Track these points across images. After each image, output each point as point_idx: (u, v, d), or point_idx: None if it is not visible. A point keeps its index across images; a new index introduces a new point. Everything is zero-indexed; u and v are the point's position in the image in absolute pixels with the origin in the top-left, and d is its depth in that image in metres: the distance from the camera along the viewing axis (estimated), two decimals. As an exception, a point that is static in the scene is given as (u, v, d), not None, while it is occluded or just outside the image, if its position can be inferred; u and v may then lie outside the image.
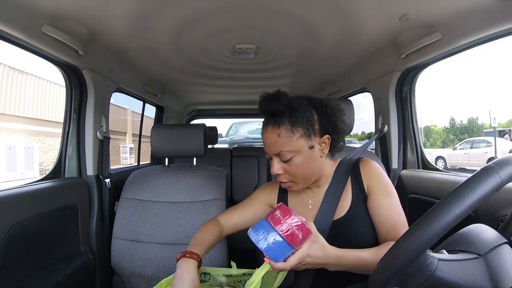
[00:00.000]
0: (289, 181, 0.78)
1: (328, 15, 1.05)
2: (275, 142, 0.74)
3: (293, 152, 0.74)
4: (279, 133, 0.73)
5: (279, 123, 0.73)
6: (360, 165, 0.84)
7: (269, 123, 0.75)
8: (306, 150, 0.74)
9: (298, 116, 0.73)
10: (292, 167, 0.75)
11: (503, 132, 9.12)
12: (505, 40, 0.95)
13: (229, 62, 1.56)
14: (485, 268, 0.43)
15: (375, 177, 0.80)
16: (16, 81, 6.16)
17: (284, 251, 0.62)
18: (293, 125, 0.73)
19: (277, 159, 0.76)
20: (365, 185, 0.80)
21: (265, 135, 0.77)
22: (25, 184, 1.07)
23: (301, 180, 0.78)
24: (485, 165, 0.41)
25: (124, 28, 1.11)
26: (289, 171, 0.76)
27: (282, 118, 0.73)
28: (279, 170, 0.77)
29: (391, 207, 0.76)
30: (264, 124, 0.78)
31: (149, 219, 1.22)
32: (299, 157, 0.74)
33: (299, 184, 0.79)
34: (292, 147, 0.73)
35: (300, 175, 0.77)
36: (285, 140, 0.73)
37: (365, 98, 1.84)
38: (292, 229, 0.61)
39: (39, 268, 0.99)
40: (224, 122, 15.51)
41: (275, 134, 0.73)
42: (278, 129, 0.73)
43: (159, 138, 1.29)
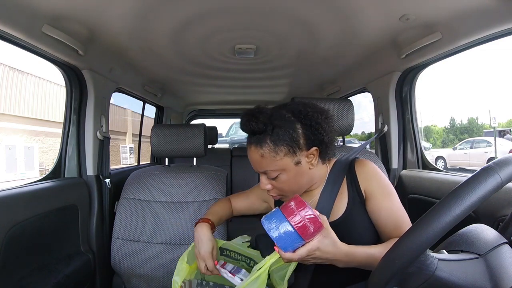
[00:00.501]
0: (278, 194, 0.78)
1: (328, 15, 1.05)
2: (259, 162, 0.72)
3: (278, 170, 0.72)
4: (262, 153, 0.71)
5: (261, 143, 0.71)
6: (356, 166, 0.81)
7: (252, 142, 0.73)
8: (292, 166, 0.72)
9: (281, 134, 0.70)
10: (279, 183, 0.74)
11: (503, 132, 9.12)
12: (505, 40, 0.95)
13: (229, 62, 1.56)
14: (485, 268, 0.43)
15: (372, 179, 0.78)
16: (16, 81, 6.16)
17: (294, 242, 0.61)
18: (276, 144, 0.70)
19: (264, 176, 0.76)
20: (362, 188, 0.78)
21: (249, 154, 0.75)
22: (25, 184, 1.07)
23: (290, 193, 0.77)
24: (485, 165, 0.41)
25: (124, 28, 1.11)
26: (277, 186, 0.76)
27: (264, 137, 0.70)
28: (267, 186, 0.76)
29: (392, 208, 0.75)
30: (248, 143, 0.75)
31: (149, 219, 1.22)
32: (285, 174, 0.73)
33: (289, 197, 0.78)
34: (277, 166, 0.71)
35: (289, 190, 0.76)
36: (269, 161, 0.71)
37: (365, 98, 1.84)
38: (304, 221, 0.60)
39: (39, 268, 0.99)
40: (224, 122, 15.50)
41: (258, 154, 0.71)
42: (261, 149, 0.71)
43: (159, 138, 1.29)
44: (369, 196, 0.77)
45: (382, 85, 1.48)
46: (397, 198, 0.77)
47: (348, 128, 1.14)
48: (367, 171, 0.79)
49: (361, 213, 0.77)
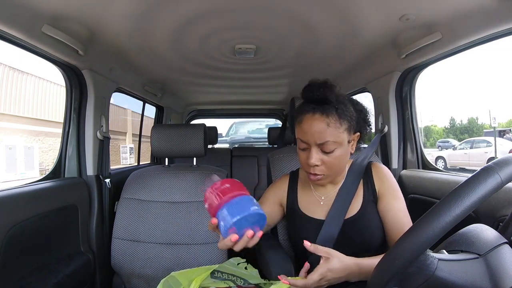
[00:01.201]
0: (322, 173, 0.77)
1: (328, 15, 1.05)
2: (323, 131, 0.72)
3: (337, 143, 0.73)
4: (328, 122, 0.72)
5: (328, 112, 0.72)
6: (372, 168, 0.87)
7: (316, 110, 0.73)
8: (346, 144, 0.76)
9: (345, 110, 0.74)
10: (331, 158, 0.74)
11: (503, 132, 9.12)
12: (505, 40, 0.95)
13: (229, 62, 1.56)
14: (485, 268, 0.43)
15: (386, 181, 0.83)
16: (16, 81, 6.15)
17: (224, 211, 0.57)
18: (341, 117, 0.73)
19: (317, 149, 0.74)
20: (377, 188, 0.83)
21: (311, 123, 0.73)
22: (25, 184, 1.07)
23: (334, 173, 0.79)
24: (485, 165, 0.41)
25: (124, 28, 1.11)
26: (327, 162, 0.75)
27: (330, 108, 0.73)
28: (318, 161, 0.74)
29: (400, 210, 0.79)
30: (308, 111, 0.74)
31: (149, 219, 1.22)
32: (340, 149, 0.74)
33: (329, 177, 0.80)
34: (339, 138, 0.73)
35: (336, 167, 0.77)
36: (333, 131, 0.72)
37: (365, 98, 1.84)
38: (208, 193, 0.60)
39: (39, 268, 0.99)
40: (224, 122, 15.51)
41: (324, 122, 0.72)
42: (327, 118, 0.72)
43: (159, 138, 1.29)
44: (381, 196, 0.82)
45: (382, 85, 1.48)
46: (404, 202, 0.81)
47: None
48: (382, 173, 0.85)
49: (374, 212, 0.81)
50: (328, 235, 0.79)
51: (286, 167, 1.14)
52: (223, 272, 0.83)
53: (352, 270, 0.66)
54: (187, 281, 0.77)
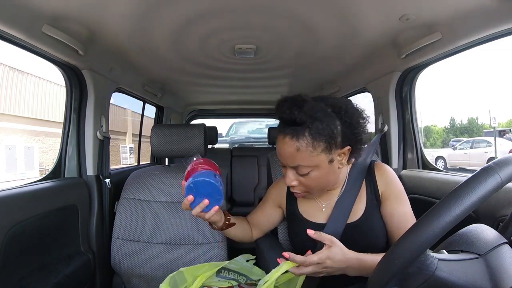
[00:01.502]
0: (302, 192, 0.75)
1: (328, 15, 1.05)
2: (293, 156, 0.68)
3: (311, 167, 0.69)
4: (298, 147, 0.66)
5: (298, 135, 0.66)
6: (375, 169, 0.81)
7: (287, 133, 0.67)
8: (326, 164, 0.69)
9: (321, 129, 0.65)
10: (308, 180, 0.71)
11: (503, 132, 9.12)
12: (505, 40, 0.95)
13: (229, 62, 1.56)
14: (485, 268, 0.43)
15: (391, 183, 0.78)
16: (16, 81, 6.16)
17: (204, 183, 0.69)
18: (315, 139, 0.66)
19: (292, 171, 0.72)
20: (380, 191, 0.78)
21: (282, 146, 0.69)
22: (25, 184, 1.07)
23: (316, 191, 0.76)
24: (485, 165, 0.41)
25: (124, 28, 1.11)
26: (304, 183, 0.72)
27: (303, 129, 0.65)
28: (293, 182, 0.72)
29: (406, 214, 0.75)
30: (281, 132, 0.69)
31: (149, 219, 1.22)
32: (316, 171, 0.70)
33: (312, 194, 0.78)
34: (312, 162, 0.68)
35: (316, 187, 0.74)
36: (304, 155, 0.67)
37: (365, 98, 1.84)
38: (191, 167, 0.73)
39: (39, 268, 0.99)
40: (224, 122, 15.51)
41: (294, 147, 0.67)
42: (298, 142, 0.66)
43: (159, 138, 1.29)
44: (385, 199, 0.78)
45: (382, 85, 1.48)
46: (409, 204, 0.77)
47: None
48: (386, 175, 0.80)
49: (377, 216, 0.77)
50: None
51: (286, 167, 1.14)
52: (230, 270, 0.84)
53: (352, 264, 0.64)
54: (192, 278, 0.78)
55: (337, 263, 0.63)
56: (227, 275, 0.83)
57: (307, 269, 0.63)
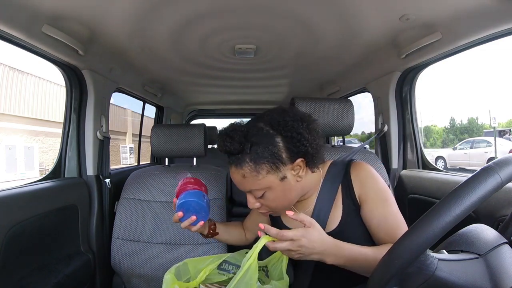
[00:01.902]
0: (268, 211, 0.75)
1: (328, 15, 1.05)
2: (242, 182, 0.70)
3: (263, 189, 0.69)
4: (243, 173, 0.68)
5: (240, 163, 0.67)
6: (351, 170, 0.77)
7: (231, 163, 0.69)
8: (278, 183, 0.69)
9: (260, 151, 0.66)
10: (267, 201, 0.71)
11: (503, 132, 9.12)
12: (505, 40, 0.95)
13: (229, 62, 1.56)
14: (485, 268, 0.43)
15: (367, 184, 0.73)
16: (16, 81, 6.16)
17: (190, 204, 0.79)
18: (256, 163, 0.66)
19: (250, 195, 0.73)
20: (357, 194, 0.74)
21: (232, 175, 0.71)
22: (25, 184, 1.07)
23: (280, 208, 0.74)
24: (485, 165, 0.41)
25: (124, 28, 1.11)
26: (265, 204, 0.73)
27: (243, 156, 0.67)
28: (255, 204, 0.73)
29: (386, 215, 0.70)
30: (228, 163, 0.71)
31: (149, 219, 1.22)
32: (271, 192, 0.69)
33: (279, 212, 0.77)
34: (261, 185, 0.68)
35: (278, 206, 0.73)
36: (251, 180, 0.68)
37: (365, 98, 1.84)
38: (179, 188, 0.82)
39: (39, 268, 0.99)
40: (224, 122, 15.53)
41: (240, 175, 0.68)
42: (242, 170, 0.67)
43: (159, 138, 1.29)
44: (363, 202, 0.73)
45: (382, 85, 1.48)
46: (393, 203, 0.72)
47: (348, 128, 1.13)
48: (362, 175, 0.75)
49: (357, 222, 0.74)
50: None
51: (286, 167, 1.14)
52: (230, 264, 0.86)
53: (329, 248, 0.62)
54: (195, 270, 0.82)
55: (312, 244, 0.61)
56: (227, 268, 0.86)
57: (281, 244, 0.61)
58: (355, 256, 0.64)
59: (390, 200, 0.72)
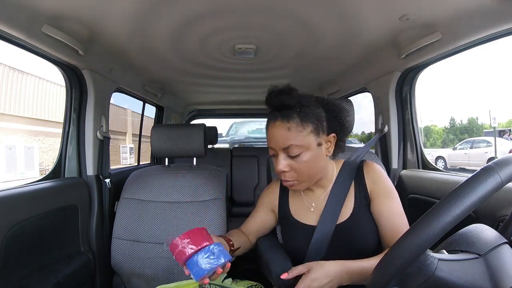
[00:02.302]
0: (293, 179, 0.76)
1: (328, 15, 1.05)
2: (285, 136, 0.71)
3: (302, 147, 0.72)
4: (289, 126, 0.71)
5: (288, 117, 0.71)
6: (364, 168, 0.83)
7: (277, 117, 0.73)
8: (315, 147, 0.73)
9: (308, 112, 0.72)
10: (299, 163, 0.73)
11: (503, 132, 9.11)
12: (505, 40, 0.95)
13: (229, 62, 1.56)
14: (485, 268, 0.43)
15: (379, 181, 0.79)
16: (16, 81, 6.16)
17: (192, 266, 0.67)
18: (303, 120, 0.71)
19: (283, 155, 0.73)
20: (369, 190, 0.79)
21: (273, 130, 0.73)
22: (25, 184, 1.07)
23: (306, 179, 0.76)
24: (485, 165, 0.41)
25: (124, 28, 1.11)
26: (295, 168, 0.74)
27: (291, 113, 0.71)
28: (286, 167, 0.74)
29: (394, 212, 0.75)
30: (271, 119, 0.74)
31: (149, 219, 1.22)
32: (307, 153, 0.72)
33: (303, 184, 0.77)
34: (302, 141, 0.71)
35: (306, 173, 0.75)
36: (295, 134, 0.71)
37: (365, 98, 1.84)
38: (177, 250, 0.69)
39: (39, 268, 0.99)
40: (224, 122, 15.53)
41: (285, 128, 0.71)
42: (288, 123, 0.71)
43: (159, 138, 1.29)
44: (374, 197, 0.78)
45: (382, 85, 1.48)
46: (399, 203, 0.78)
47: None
48: (374, 174, 0.81)
49: (367, 215, 0.78)
50: (320, 241, 0.77)
51: (286, 167, 1.14)
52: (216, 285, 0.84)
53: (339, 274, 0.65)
54: None
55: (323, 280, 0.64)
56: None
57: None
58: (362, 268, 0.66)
59: (397, 200, 0.78)
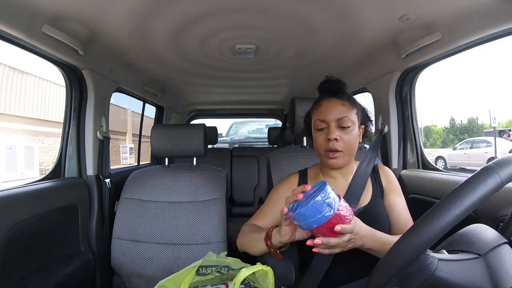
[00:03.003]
0: (340, 150, 0.84)
1: (328, 15, 1.05)
2: (340, 109, 0.84)
3: (352, 122, 0.84)
4: (343, 103, 0.84)
5: (343, 97, 0.86)
6: (379, 168, 0.96)
7: (333, 96, 0.86)
8: (357, 127, 0.86)
9: (354, 101, 0.88)
10: (347, 135, 0.84)
11: (503, 132, 9.11)
12: (505, 40, 0.95)
13: (229, 62, 1.56)
14: (485, 268, 0.43)
15: (391, 180, 0.94)
16: (16, 81, 6.15)
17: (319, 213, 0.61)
18: (352, 104, 0.86)
19: (335, 126, 0.84)
20: (384, 185, 0.92)
21: (328, 104, 0.86)
22: (25, 184, 1.07)
23: (349, 152, 0.86)
24: (485, 165, 0.41)
25: (124, 28, 1.11)
26: (344, 139, 0.83)
27: (344, 96, 0.86)
28: (337, 136, 0.83)
29: (404, 208, 0.88)
30: (325, 98, 0.87)
31: (149, 219, 1.22)
32: (354, 128, 0.85)
33: (345, 157, 0.86)
34: (353, 117, 0.84)
35: (350, 146, 0.85)
36: (348, 109, 0.84)
37: (365, 98, 1.84)
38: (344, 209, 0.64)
39: (39, 268, 0.99)
40: (224, 122, 15.53)
41: (340, 103, 0.85)
42: (343, 101, 0.85)
43: (159, 138, 1.29)
44: (387, 193, 0.91)
45: (382, 85, 1.48)
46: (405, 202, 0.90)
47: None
48: (387, 173, 0.95)
49: (382, 205, 0.89)
50: None
51: (286, 167, 1.14)
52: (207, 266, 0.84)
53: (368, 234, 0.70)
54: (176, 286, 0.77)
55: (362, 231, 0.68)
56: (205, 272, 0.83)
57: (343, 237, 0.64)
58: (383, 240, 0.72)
59: (404, 199, 0.92)
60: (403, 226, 0.83)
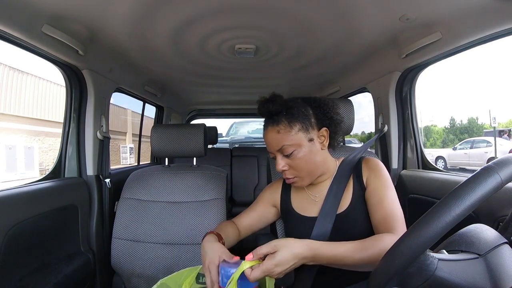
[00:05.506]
0: (294, 176, 0.81)
1: (328, 15, 1.05)
2: (276, 138, 0.78)
3: (293, 146, 0.77)
4: (278, 130, 0.78)
5: (277, 121, 0.78)
6: (363, 163, 0.87)
7: (268, 123, 0.81)
8: (306, 143, 0.79)
9: (294, 113, 0.78)
10: (295, 161, 0.79)
11: (503, 132, 9.11)
12: (505, 40, 0.95)
13: (229, 62, 1.56)
14: (485, 268, 0.43)
15: (374, 170, 0.84)
16: (16, 81, 6.15)
17: None
18: (290, 121, 0.78)
19: (280, 155, 0.80)
20: (364, 178, 0.84)
21: (266, 135, 0.81)
22: (25, 184, 1.07)
23: (306, 174, 0.81)
24: (485, 165, 0.41)
25: (124, 28, 1.11)
26: (293, 166, 0.79)
27: (279, 117, 0.78)
28: (284, 167, 0.80)
29: (384, 200, 0.76)
30: (264, 126, 0.83)
31: (149, 219, 1.22)
32: (300, 150, 0.78)
33: (304, 179, 0.82)
34: (292, 141, 0.77)
35: (304, 169, 0.80)
36: (284, 135, 0.78)
37: (365, 98, 1.84)
38: None
39: (39, 268, 0.99)
40: (224, 122, 15.55)
41: (275, 131, 0.78)
42: (277, 127, 0.78)
43: (159, 138, 1.29)
44: (368, 184, 0.82)
45: (382, 85, 1.48)
46: (393, 193, 0.79)
47: (348, 128, 1.14)
48: (372, 164, 0.85)
49: (363, 205, 0.81)
50: (321, 231, 0.80)
51: (286, 167, 1.14)
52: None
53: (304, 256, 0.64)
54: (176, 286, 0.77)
55: (289, 263, 0.63)
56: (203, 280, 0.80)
57: (262, 268, 0.62)
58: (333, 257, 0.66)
59: (390, 187, 0.80)
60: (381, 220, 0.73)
